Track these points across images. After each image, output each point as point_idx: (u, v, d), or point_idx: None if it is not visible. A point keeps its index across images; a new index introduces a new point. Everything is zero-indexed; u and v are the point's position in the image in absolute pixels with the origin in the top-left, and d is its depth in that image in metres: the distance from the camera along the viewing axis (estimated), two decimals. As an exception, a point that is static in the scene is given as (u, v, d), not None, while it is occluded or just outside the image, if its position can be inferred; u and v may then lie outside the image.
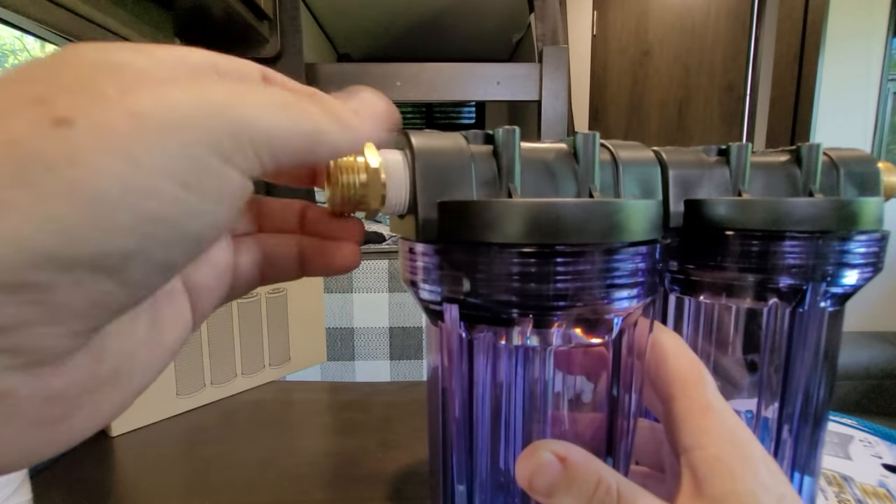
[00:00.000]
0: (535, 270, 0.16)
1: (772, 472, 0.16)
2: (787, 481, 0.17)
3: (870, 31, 1.75)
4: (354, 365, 0.83)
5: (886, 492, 0.34)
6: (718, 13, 1.98)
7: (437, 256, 0.17)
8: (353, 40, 1.72)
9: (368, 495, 0.37)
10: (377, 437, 0.45)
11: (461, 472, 0.19)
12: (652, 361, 0.19)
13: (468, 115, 2.83)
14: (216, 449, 0.44)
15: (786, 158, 0.26)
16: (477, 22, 1.52)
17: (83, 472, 0.39)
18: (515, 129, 0.19)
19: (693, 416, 0.18)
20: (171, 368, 0.48)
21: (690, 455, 0.17)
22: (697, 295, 0.26)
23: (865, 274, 0.23)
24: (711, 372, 0.19)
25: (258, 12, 0.77)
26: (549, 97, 0.92)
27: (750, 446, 0.17)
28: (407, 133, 0.19)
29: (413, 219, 0.18)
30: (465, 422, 0.19)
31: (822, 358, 0.24)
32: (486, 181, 0.19)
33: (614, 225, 0.16)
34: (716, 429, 0.17)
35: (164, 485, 0.38)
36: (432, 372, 0.21)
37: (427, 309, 0.19)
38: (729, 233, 0.23)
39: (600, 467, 0.17)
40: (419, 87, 0.93)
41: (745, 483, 0.16)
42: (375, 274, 0.82)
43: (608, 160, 0.21)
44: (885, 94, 1.80)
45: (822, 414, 0.25)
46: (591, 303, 0.16)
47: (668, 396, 0.18)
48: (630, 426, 0.19)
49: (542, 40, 0.93)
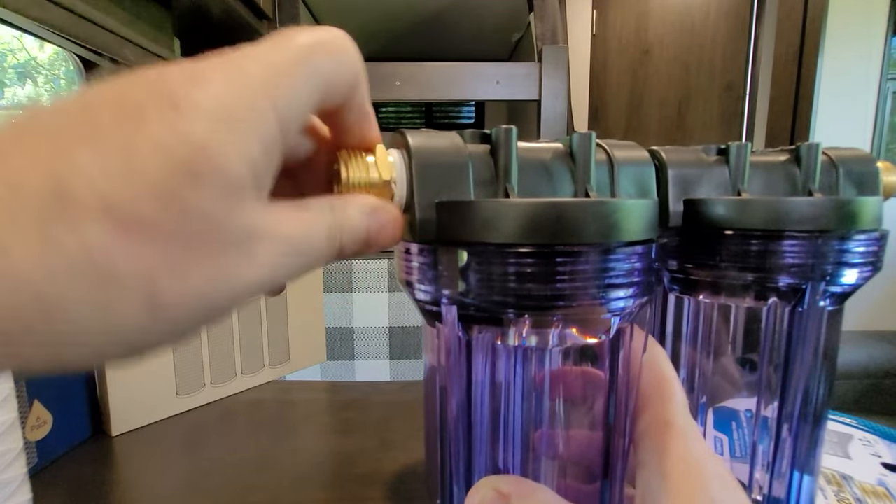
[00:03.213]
0: (532, 270, 0.15)
1: (726, 486, 0.16)
2: (745, 497, 0.16)
3: (869, 30, 1.75)
4: (354, 364, 0.83)
5: (886, 490, 0.34)
6: (718, 12, 1.98)
7: (434, 257, 0.17)
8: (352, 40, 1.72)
9: (368, 495, 0.37)
10: (377, 436, 0.45)
11: (458, 472, 0.19)
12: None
13: (468, 115, 2.83)
14: (216, 449, 0.44)
15: (785, 158, 0.26)
16: (476, 21, 1.52)
17: (83, 472, 0.39)
18: (512, 128, 0.19)
19: (651, 432, 0.17)
20: (170, 368, 0.48)
21: (643, 472, 0.17)
22: (697, 294, 0.26)
23: (864, 273, 0.23)
24: (711, 371, 0.19)
25: (258, 12, 0.77)
26: (548, 97, 0.92)
27: (703, 463, 0.16)
28: (404, 132, 0.18)
29: (410, 219, 0.18)
30: (463, 422, 0.19)
31: (822, 357, 0.24)
32: (483, 181, 0.19)
33: (611, 225, 0.16)
34: (671, 446, 0.17)
35: (163, 484, 0.38)
36: (428, 372, 0.21)
37: (423, 309, 0.19)
38: (728, 232, 0.23)
39: (545, 500, 0.17)
40: (418, 87, 0.93)
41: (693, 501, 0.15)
42: (375, 273, 0.82)
43: (604, 160, 0.21)
44: (885, 94, 1.80)
45: (822, 413, 0.25)
46: (588, 302, 0.16)
47: (635, 411, 0.18)
48: (625, 440, 0.19)
49: (541, 40, 0.93)
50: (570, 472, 0.20)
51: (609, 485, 0.19)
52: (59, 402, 0.41)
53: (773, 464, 0.25)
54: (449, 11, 1.44)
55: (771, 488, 0.25)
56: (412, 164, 0.18)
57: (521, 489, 0.17)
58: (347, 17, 1.50)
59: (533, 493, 0.17)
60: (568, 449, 0.19)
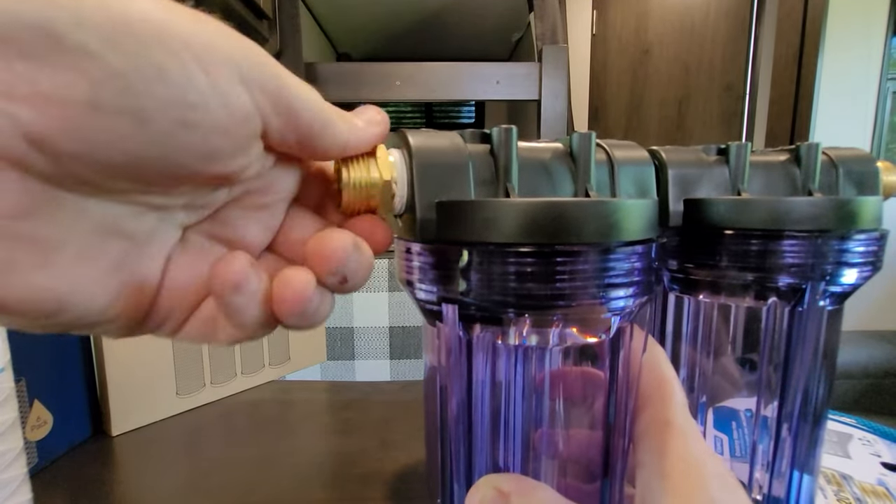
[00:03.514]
0: (533, 270, 0.16)
1: (726, 486, 0.16)
2: (745, 496, 0.16)
3: (869, 30, 1.75)
4: (354, 364, 0.83)
5: (885, 490, 0.34)
6: (718, 13, 1.98)
7: (434, 256, 0.17)
8: (352, 39, 1.72)
9: (368, 495, 0.37)
10: (377, 436, 0.45)
11: (458, 472, 0.19)
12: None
13: (468, 115, 2.83)
14: (216, 449, 0.44)
15: (785, 158, 0.26)
16: (476, 21, 1.52)
17: (83, 472, 0.39)
18: (513, 128, 0.19)
19: (651, 432, 0.17)
20: (170, 368, 0.48)
21: (642, 472, 0.17)
22: (697, 294, 0.26)
23: (864, 273, 0.23)
24: (711, 371, 0.19)
25: (257, 11, 0.77)
26: (548, 96, 0.92)
27: (703, 462, 0.16)
28: (404, 132, 0.19)
29: (410, 218, 0.18)
30: (463, 421, 0.19)
31: (822, 357, 0.24)
32: (483, 181, 0.19)
33: (611, 224, 0.16)
34: (670, 445, 0.17)
35: (163, 484, 0.38)
36: (429, 371, 0.21)
37: (424, 309, 0.19)
38: (728, 232, 0.23)
39: (545, 498, 0.17)
40: (418, 87, 0.93)
41: (692, 500, 0.15)
42: (375, 273, 0.82)
43: (604, 160, 0.21)
44: (885, 94, 1.80)
45: (822, 412, 0.25)
46: (588, 302, 0.16)
47: (635, 410, 0.18)
48: (625, 439, 0.19)
49: (541, 39, 0.93)
50: (570, 471, 0.20)
51: (609, 484, 0.19)
52: (59, 402, 0.41)
53: (772, 463, 0.25)
54: (449, 11, 1.44)
55: (771, 488, 0.25)
56: (413, 164, 0.18)
57: (521, 487, 0.17)
58: (347, 17, 1.50)
59: (533, 491, 0.17)
60: (568, 448, 0.19)
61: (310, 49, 1.32)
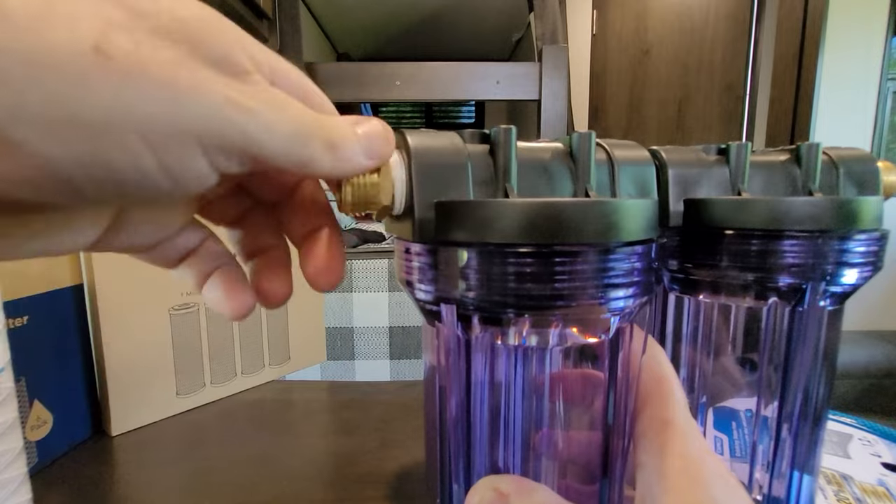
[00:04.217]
0: (532, 270, 0.15)
1: (726, 485, 0.16)
2: (745, 495, 0.16)
3: (869, 30, 1.75)
4: (354, 364, 0.83)
5: (886, 490, 0.34)
6: (718, 13, 1.98)
7: (434, 256, 0.17)
8: (352, 39, 1.72)
9: (368, 494, 0.37)
10: (377, 436, 0.45)
11: (458, 472, 0.19)
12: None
13: (468, 115, 2.83)
14: (216, 448, 0.44)
15: (785, 157, 0.26)
16: (476, 21, 1.52)
17: (83, 472, 0.39)
18: (512, 128, 0.19)
19: (650, 431, 0.17)
20: (171, 368, 0.48)
21: (642, 471, 0.17)
22: (697, 294, 0.26)
23: (865, 273, 0.23)
24: (711, 371, 0.19)
25: (257, 11, 0.77)
26: (548, 96, 0.92)
27: (703, 461, 0.16)
28: (403, 133, 0.18)
29: (409, 219, 0.18)
30: (462, 421, 0.19)
31: (822, 357, 0.24)
32: (482, 181, 0.19)
33: (611, 224, 0.16)
34: (670, 444, 0.17)
35: (164, 484, 0.38)
36: (428, 371, 0.21)
37: (423, 309, 0.19)
38: (728, 232, 0.23)
39: (544, 500, 0.17)
40: (418, 87, 0.93)
41: (692, 499, 0.15)
42: (375, 273, 0.82)
43: (604, 159, 0.21)
44: (885, 94, 1.80)
45: (822, 413, 0.25)
46: (587, 302, 0.16)
47: (634, 410, 0.18)
48: (625, 440, 0.19)
49: (541, 40, 0.93)
50: (570, 471, 0.20)
51: (608, 484, 0.19)
52: (59, 402, 0.41)
53: (773, 463, 0.25)
54: (449, 11, 1.44)
55: (771, 488, 0.25)
56: (412, 165, 0.18)
57: (520, 488, 0.17)
58: (347, 17, 1.50)
59: (532, 492, 0.17)
60: (567, 449, 0.19)
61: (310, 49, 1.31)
